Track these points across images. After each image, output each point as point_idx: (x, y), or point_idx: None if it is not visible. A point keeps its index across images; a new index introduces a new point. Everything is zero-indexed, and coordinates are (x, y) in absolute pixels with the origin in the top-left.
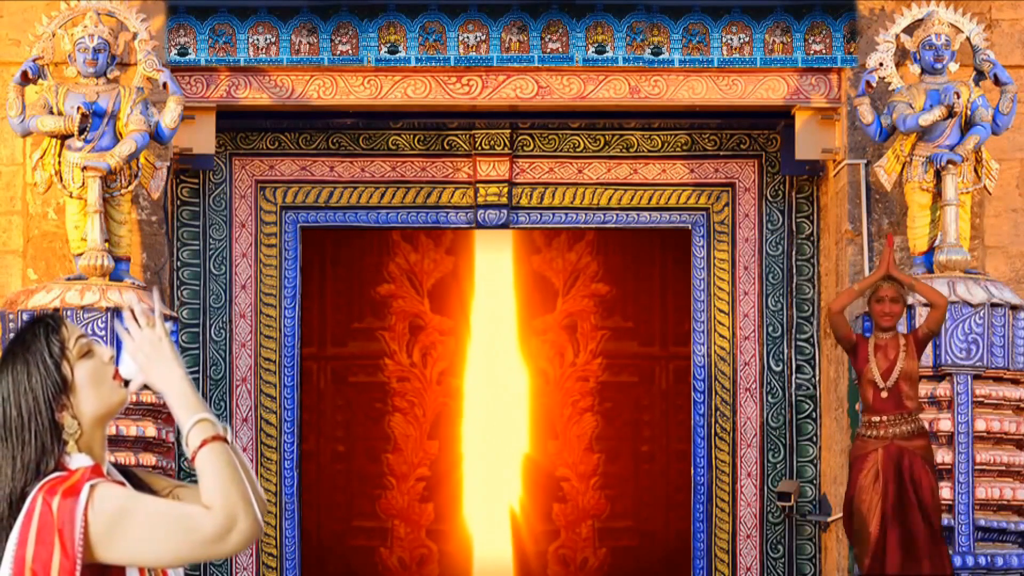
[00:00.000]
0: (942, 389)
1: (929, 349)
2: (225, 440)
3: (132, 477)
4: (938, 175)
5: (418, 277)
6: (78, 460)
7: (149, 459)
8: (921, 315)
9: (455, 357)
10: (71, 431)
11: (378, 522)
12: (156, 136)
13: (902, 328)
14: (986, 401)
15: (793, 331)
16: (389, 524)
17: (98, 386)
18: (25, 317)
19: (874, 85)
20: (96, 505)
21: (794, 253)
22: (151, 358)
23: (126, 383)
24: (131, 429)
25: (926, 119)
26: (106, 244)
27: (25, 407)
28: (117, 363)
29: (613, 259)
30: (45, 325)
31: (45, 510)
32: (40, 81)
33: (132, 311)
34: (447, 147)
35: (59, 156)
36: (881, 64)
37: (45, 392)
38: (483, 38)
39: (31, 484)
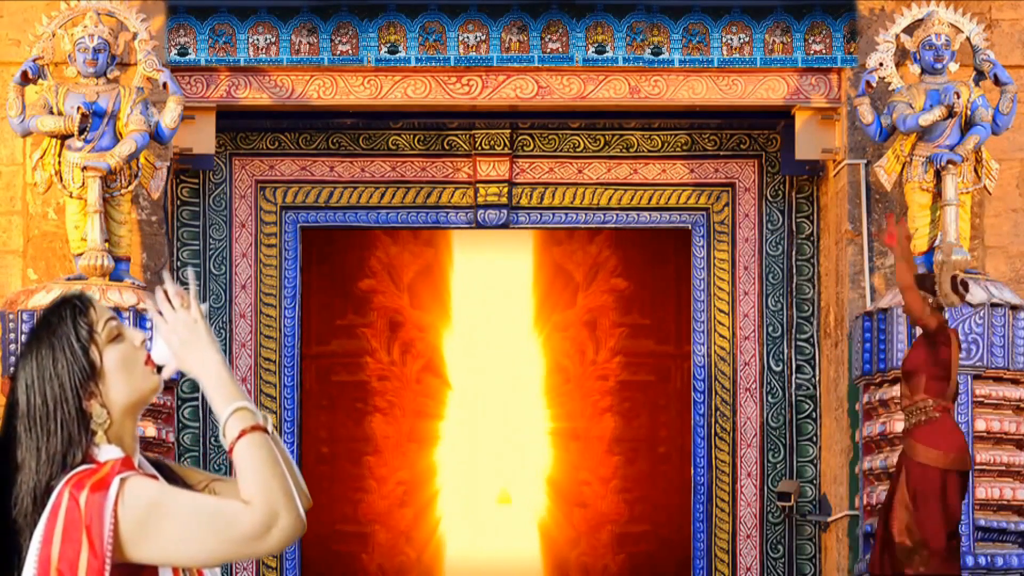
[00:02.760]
0: None
1: None
2: (265, 430)
3: (165, 470)
4: (938, 175)
5: (397, 271)
6: (107, 452)
7: None
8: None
9: (434, 354)
10: (100, 421)
11: (359, 527)
12: (156, 136)
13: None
14: (986, 401)
15: (793, 331)
16: (369, 529)
17: (129, 372)
18: (25, 317)
19: (874, 85)
20: (127, 500)
21: (794, 253)
22: (186, 342)
23: (159, 369)
24: None
25: (926, 119)
26: (106, 244)
27: (50, 395)
28: (149, 348)
29: (631, 253)
30: (72, 306)
31: (72, 505)
32: (40, 81)
33: (165, 292)
34: (447, 147)
35: (59, 156)
36: (881, 64)
37: (72, 379)
38: (483, 38)
39: (57, 477)
